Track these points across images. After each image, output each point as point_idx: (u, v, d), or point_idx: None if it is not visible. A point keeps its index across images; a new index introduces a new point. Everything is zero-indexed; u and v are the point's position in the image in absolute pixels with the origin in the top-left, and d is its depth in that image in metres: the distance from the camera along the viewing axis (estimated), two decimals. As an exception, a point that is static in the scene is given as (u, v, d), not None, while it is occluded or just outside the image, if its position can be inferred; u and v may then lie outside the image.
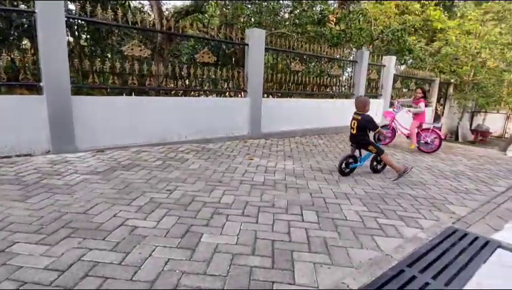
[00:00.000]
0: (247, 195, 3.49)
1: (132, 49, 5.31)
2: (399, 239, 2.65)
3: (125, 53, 5.33)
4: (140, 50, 5.38)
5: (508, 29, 13.56)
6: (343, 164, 4.56)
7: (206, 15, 12.15)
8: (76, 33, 5.89)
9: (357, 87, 9.38)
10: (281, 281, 1.98)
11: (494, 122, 17.27)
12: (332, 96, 9.35)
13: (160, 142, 5.68)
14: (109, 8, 5.17)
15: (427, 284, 2.01)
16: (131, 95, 6.09)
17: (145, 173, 4.03)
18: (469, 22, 13.55)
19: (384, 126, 7.41)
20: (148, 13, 11.33)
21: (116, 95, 5.73)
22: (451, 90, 14.34)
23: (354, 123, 4.53)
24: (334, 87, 9.21)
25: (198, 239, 2.42)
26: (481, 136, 15.21)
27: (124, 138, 5.29)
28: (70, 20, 5.03)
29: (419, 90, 7.22)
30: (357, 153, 4.74)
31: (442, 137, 7.25)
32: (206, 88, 6.78)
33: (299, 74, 8.00)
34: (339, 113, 9.06)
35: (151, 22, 5.69)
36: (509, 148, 7.63)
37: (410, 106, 7.45)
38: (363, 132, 4.51)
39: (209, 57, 6.29)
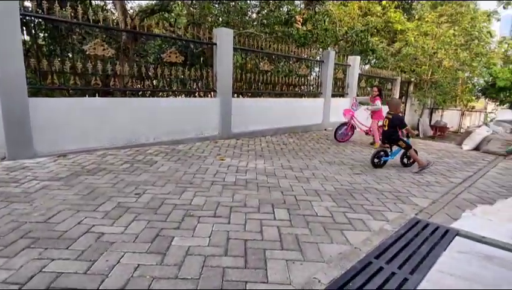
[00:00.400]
0: (219, 195, 3.47)
1: (95, 48, 5.09)
2: (367, 232, 2.75)
3: (88, 52, 5.10)
4: (104, 49, 5.18)
5: (461, 31, 14.51)
6: (375, 158, 5.17)
7: (173, 14, 11.90)
8: (33, 31, 5.54)
9: (325, 87, 9.61)
10: (254, 280, 1.98)
11: (451, 118, 18.45)
12: (301, 96, 9.52)
13: (128, 144, 5.50)
14: (68, 5, 4.92)
15: (393, 274, 2.10)
16: (95, 96, 5.83)
17: (112, 177, 3.88)
18: (426, 23, 14.34)
19: (343, 124, 7.61)
20: (112, 11, 10.92)
21: (79, 96, 5.47)
22: (411, 88, 15.10)
23: (386, 121, 5.18)
24: (302, 87, 9.39)
25: (169, 243, 2.37)
26: (440, 132, 16.17)
27: (88, 141, 5.06)
28: (26, 18, 4.72)
29: (375, 89, 7.50)
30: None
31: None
32: (174, 88, 6.63)
33: (268, 74, 8.06)
34: (308, 112, 9.25)
35: (115, 21, 5.48)
36: (464, 142, 8.16)
37: (368, 104, 7.75)
38: (394, 129, 5.12)
39: (176, 57, 6.17)
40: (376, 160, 5.17)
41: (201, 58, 9.10)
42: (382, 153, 5.23)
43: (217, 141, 6.66)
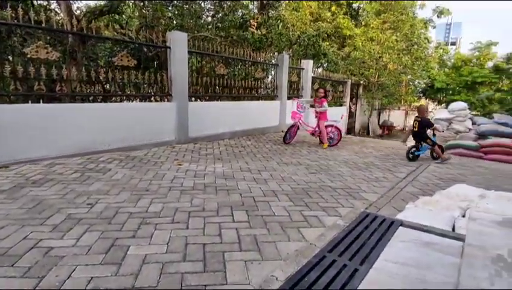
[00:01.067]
0: (177, 201, 3.43)
1: (37, 51, 4.76)
2: (321, 228, 2.90)
3: (29, 55, 4.76)
4: (47, 52, 4.86)
5: (402, 37, 15.72)
6: (410, 153, 6.35)
7: (124, 16, 11.49)
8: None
9: (280, 89, 9.86)
10: (213, 283, 2.01)
11: (396, 117, 19.86)
12: (258, 98, 9.67)
13: (78, 152, 5.20)
14: (8, 6, 4.56)
15: (345, 265, 2.24)
16: (39, 102, 5.44)
17: (61, 188, 3.66)
18: (371, 30, 15.34)
19: (290, 127, 7.77)
20: (56, 12, 10.26)
21: (22, 103, 5.07)
22: (361, 90, 16.03)
23: (416, 123, 6.31)
24: (259, 90, 9.54)
25: (124, 252, 2.31)
26: (387, 130, 17.35)
27: (33, 150, 4.71)
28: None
29: (321, 90, 7.76)
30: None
31: (342, 132, 8.17)
32: (128, 93, 6.40)
33: (225, 77, 8.09)
34: (265, 114, 9.42)
35: (60, 22, 5.18)
36: (408, 139, 8.83)
37: (313, 105, 8.04)
38: (423, 130, 6.27)
39: (128, 60, 5.97)
40: (411, 155, 6.33)
41: (156, 62, 8.89)
42: (414, 148, 6.38)
43: (174, 146, 6.55)
